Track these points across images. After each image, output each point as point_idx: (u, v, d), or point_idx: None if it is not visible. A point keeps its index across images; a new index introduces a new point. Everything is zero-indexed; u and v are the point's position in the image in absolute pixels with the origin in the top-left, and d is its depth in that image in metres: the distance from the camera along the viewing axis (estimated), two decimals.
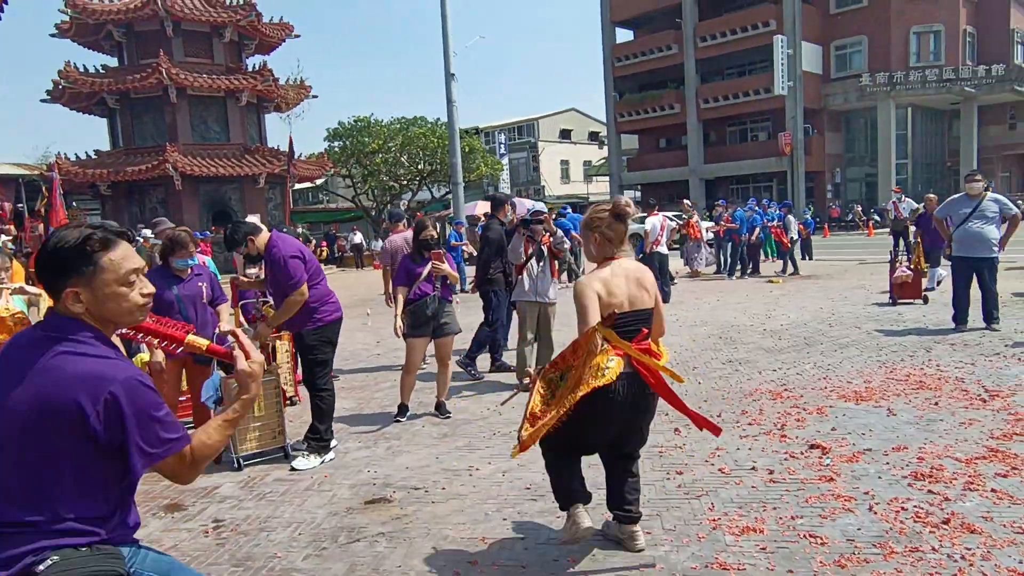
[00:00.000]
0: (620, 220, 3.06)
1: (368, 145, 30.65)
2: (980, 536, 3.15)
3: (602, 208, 3.12)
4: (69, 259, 1.68)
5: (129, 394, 1.65)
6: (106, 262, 1.72)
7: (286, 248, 4.61)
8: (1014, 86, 34.42)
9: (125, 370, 1.68)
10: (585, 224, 3.12)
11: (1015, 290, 10.03)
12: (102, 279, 1.71)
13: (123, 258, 1.75)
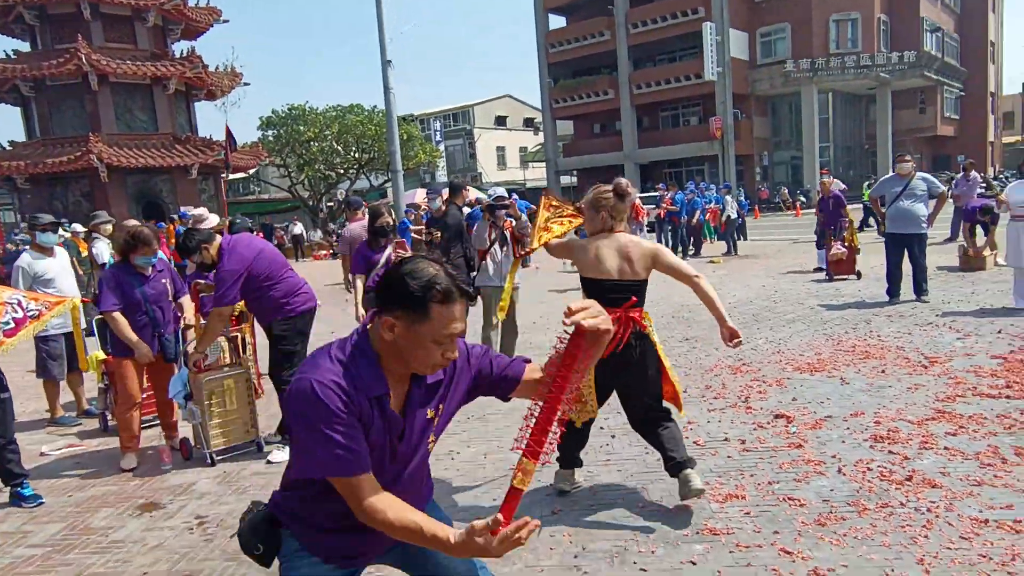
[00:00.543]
0: (622, 199, 3.45)
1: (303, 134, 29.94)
2: (941, 490, 3.41)
3: (606, 189, 3.46)
4: (417, 297, 1.63)
5: None
6: (437, 315, 1.65)
7: (230, 262, 4.35)
8: (924, 72, 36.36)
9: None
10: (592, 204, 3.44)
11: (939, 264, 10.67)
12: (426, 328, 1.66)
13: (450, 319, 1.67)
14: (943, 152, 41.88)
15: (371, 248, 5.56)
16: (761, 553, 2.96)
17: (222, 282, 4.29)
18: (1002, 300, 7.87)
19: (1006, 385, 4.91)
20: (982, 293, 8.51)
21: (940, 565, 2.76)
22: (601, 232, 3.48)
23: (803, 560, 2.87)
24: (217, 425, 4.62)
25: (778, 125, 38.97)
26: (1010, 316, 7.08)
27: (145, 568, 3.26)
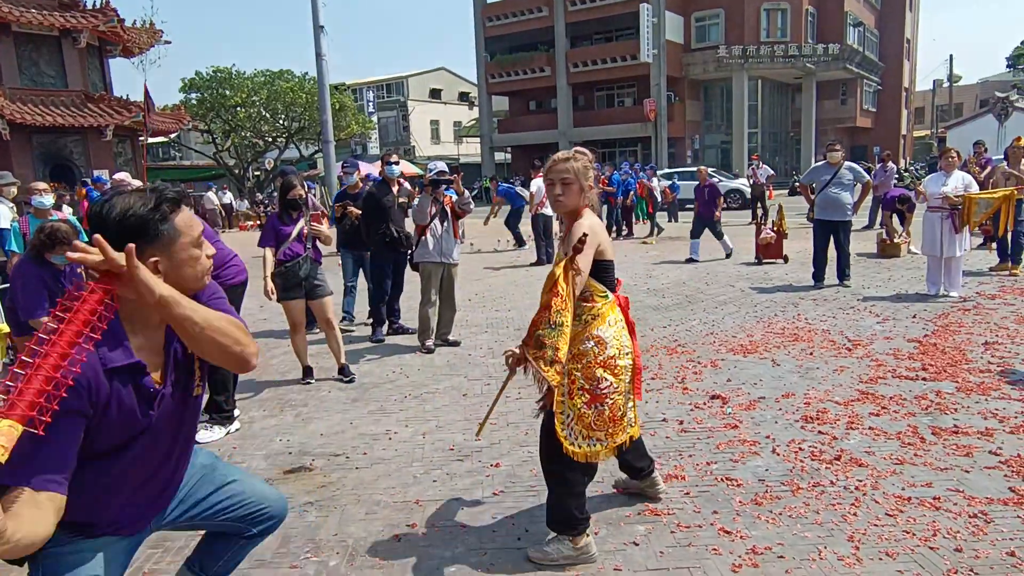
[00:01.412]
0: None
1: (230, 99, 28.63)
2: (867, 469, 3.54)
3: (584, 155, 2.85)
4: (145, 225, 1.62)
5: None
6: (181, 225, 1.69)
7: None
8: (846, 65, 37.77)
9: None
10: (584, 173, 2.76)
11: (858, 251, 11.15)
12: (179, 243, 1.69)
13: (190, 221, 1.73)
14: (860, 143, 43.72)
15: (282, 221, 5.34)
16: (702, 533, 3.00)
17: None
18: (916, 286, 8.29)
19: (922, 368, 5.16)
20: (898, 279, 8.94)
21: (869, 541, 2.86)
22: (582, 209, 2.82)
23: (742, 539, 2.93)
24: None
25: (709, 109, 39.81)
26: (923, 301, 7.46)
27: None
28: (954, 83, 48.22)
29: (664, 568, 2.76)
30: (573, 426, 2.69)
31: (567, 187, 2.76)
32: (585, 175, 2.78)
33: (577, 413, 2.69)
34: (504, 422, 4.42)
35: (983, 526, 2.94)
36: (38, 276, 4.16)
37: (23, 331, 4.31)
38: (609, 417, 2.73)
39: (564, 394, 2.70)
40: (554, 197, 2.80)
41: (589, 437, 2.72)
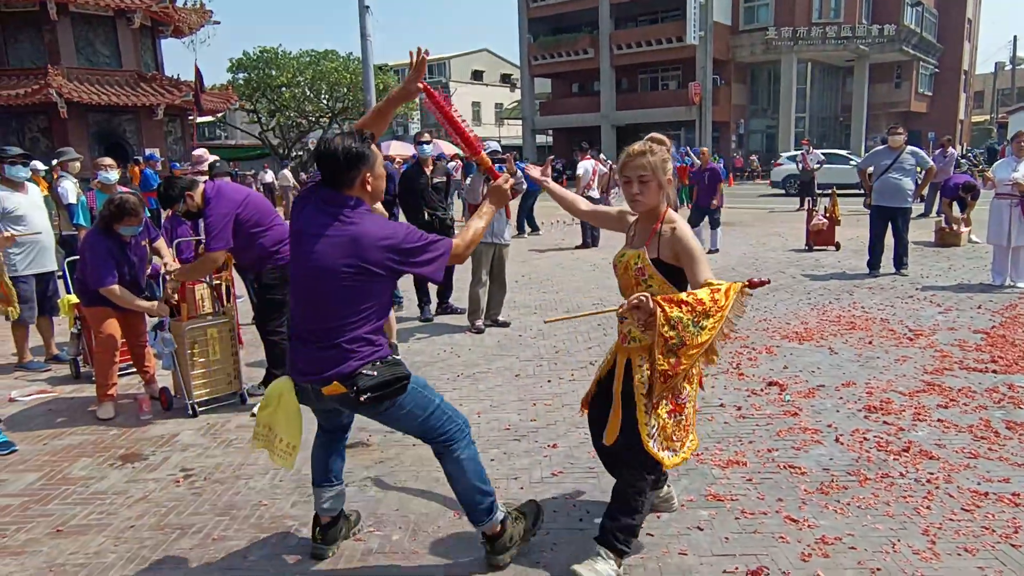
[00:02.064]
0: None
1: (276, 78, 28.93)
2: (938, 462, 3.43)
3: (662, 144, 2.56)
4: (363, 153, 2.37)
5: (406, 239, 2.38)
6: (375, 152, 2.43)
7: (219, 205, 4.17)
8: (902, 46, 36.50)
9: (400, 225, 2.46)
10: (662, 168, 2.51)
11: (915, 239, 10.79)
12: (378, 164, 2.44)
13: (376, 150, 2.45)
14: (914, 128, 42.22)
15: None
16: (767, 520, 2.95)
17: (213, 226, 4.09)
18: (979, 276, 8.00)
19: (991, 360, 4.98)
20: (959, 268, 8.65)
21: (945, 536, 2.78)
22: (663, 208, 2.59)
23: (809, 528, 2.87)
24: (199, 375, 4.46)
25: (756, 93, 38.94)
26: (988, 292, 7.20)
27: (131, 521, 3.14)
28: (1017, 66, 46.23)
29: (731, 554, 2.71)
30: (657, 437, 2.52)
31: (644, 185, 2.51)
32: (664, 169, 2.52)
33: (661, 424, 2.51)
34: (560, 403, 4.40)
35: None
36: (106, 247, 4.27)
37: (92, 302, 4.43)
38: (684, 426, 2.59)
39: (647, 404, 2.50)
40: (631, 196, 2.56)
41: (668, 448, 2.54)
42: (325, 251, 2.34)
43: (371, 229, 2.35)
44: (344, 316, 2.37)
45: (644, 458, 2.52)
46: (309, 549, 2.83)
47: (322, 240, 2.35)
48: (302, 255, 2.40)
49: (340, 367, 2.36)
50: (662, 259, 2.53)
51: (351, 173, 2.36)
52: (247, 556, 2.82)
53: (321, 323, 2.39)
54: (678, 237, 2.50)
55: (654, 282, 2.53)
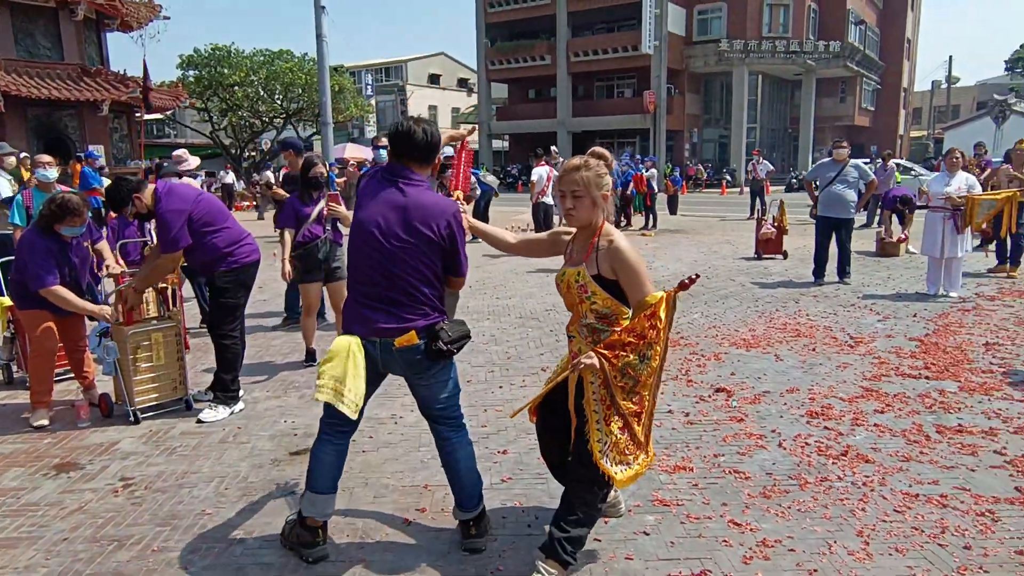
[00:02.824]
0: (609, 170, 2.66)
1: (228, 77, 28.31)
2: (874, 465, 3.56)
3: (598, 162, 2.58)
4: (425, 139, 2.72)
5: (459, 217, 2.74)
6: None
7: (171, 204, 4.08)
8: (847, 63, 37.73)
9: (452, 202, 2.80)
10: (596, 184, 2.53)
11: (857, 249, 11.17)
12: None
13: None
14: (858, 141, 43.72)
15: (303, 201, 5.29)
16: (712, 524, 3.01)
17: (168, 225, 4.01)
18: (915, 285, 8.33)
19: (925, 366, 5.19)
20: (897, 278, 8.98)
21: (878, 537, 2.88)
22: (600, 222, 2.61)
23: (752, 531, 2.94)
24: (143, 381, 4.33)
25: (709, 103, 39.74)
26: (923, 301, 7.50)
27: (65, 534, 3.03)
28: (952, 84, 48.30)
29: (676, 558, 2.76)
30: (610, 453, 2.53)
31: (578, 200, 2.54)
32: (598, 184, 2.54)
33: (613, 440, 2.52)
34: (510, 409, 4.42)
35: (990, 524, 2.96)
36: (45, 247, 4.12)
37: (28, 304, 4.27)
38: (638, 440, 2.60)
39: (600, 421, 2.50)
40: (566, 210, 2.58)
41: (621, 463, 2.55)
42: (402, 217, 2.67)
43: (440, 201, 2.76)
44: (425, 276, 2.67)
45: (595, 473, 2.52)
46: (255, 558, 2.79)
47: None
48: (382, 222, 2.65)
49: (421, 320, 2.65)
50: (602, 275, 2.54)
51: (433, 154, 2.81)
52: (188, 568, 2.75)
53: (402, 281, 2.63)
54: (615, 251, 2.51)
55: (598, 299, 2.55)
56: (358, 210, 2.73)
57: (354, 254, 2.71)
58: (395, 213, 2.62)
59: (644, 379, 2.45)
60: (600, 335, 2.54)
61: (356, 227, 2.70)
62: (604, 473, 2.52)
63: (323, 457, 2.77)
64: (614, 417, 2.51)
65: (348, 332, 2.68)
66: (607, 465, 2.51)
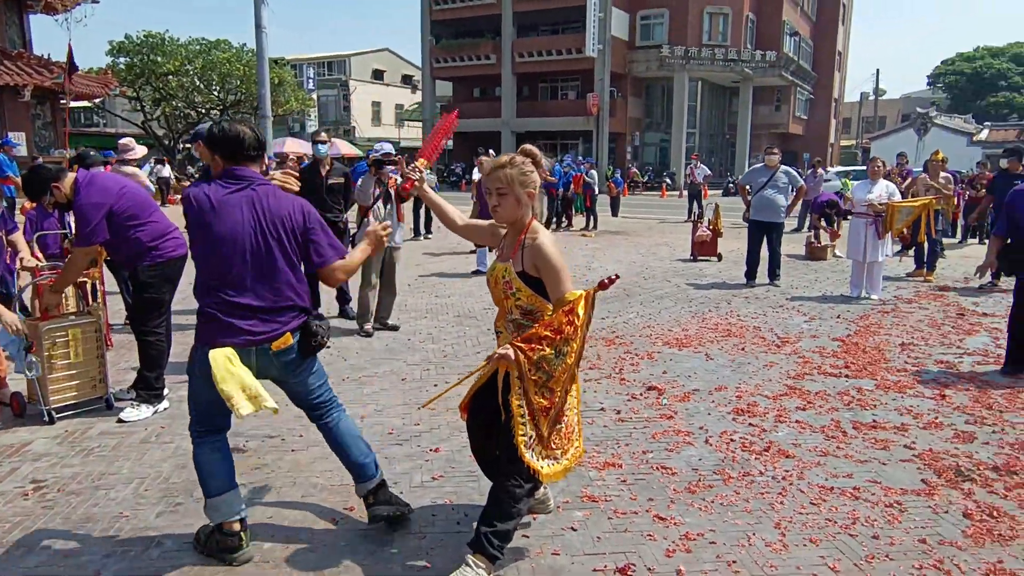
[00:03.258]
0: (537, 167, 2.65)
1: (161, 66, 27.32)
2: (793, 460, 3.70)
3: (524, 160, 2.59)
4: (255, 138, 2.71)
5: (309, 207, 2.78)
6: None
7: (91, 195, 3.93)
8: (782, 72, 39.02)
9: (299, 198, 2.85)
10: (521, 182, 2.55)
11: (787, 252, 11.56)
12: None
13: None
14: (792, 148, 45.32)
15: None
16: (637, 519, 3.07)
17: (85, 218, 3.84)
18: (840, 288, 8.67)
19: (845, 365, 5.42)
20: (823, 281, 9.34)
21: (794, 528, 2.99)
22: (527, 220, 2.63)
23: (675, 525, 3.02)
24: (59, 379, 4.15)
25: (650, 107, 40.49)
26: (846, 303, 7.82)
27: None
28: (879, 97, 50.47)
29: (601, 553, 2.81)
30: (535, 447, 2.55)
31: (502, 197, 2.57)
32: (523, 182, 2.56)
33: (538, 434, 2.57)
34: (444, 407, 4.39)
35: (898, 515, 3.11)
36: None
37: None
38: (565, 434, 2.64)
39: (524, 416, 2.53)
40: (491, 208, 2.62)
41: (548, 457, 2.58)
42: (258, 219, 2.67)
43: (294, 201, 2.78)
44: (288, 277, 2.70)
45: (521, 467, 2.55)
46: (172, 561, 2.70)
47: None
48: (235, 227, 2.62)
49: (293, 320, 2.69)
50: (527, 272, 2.56)
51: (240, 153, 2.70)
52: (101, 572, 2.65)
53: (269, 285, 2.65)
54: (537, 248, 2.53)
55: (522, 295, 2.58)
56: (207, 219, 2.60)
57: (210, 264, 2.62)
58: (249, 216, 2.61)
59: (558, 375, 2.48)
60: (525, 331, 2.56)
61: (208, 237, 2.60)
62: (529, 467, 2.54)
63: (206, 461, 2.72)
64: (540, 413, 2.53)
65: (213, 345, 2.58)
66: (532, 459, 2.54)
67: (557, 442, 2.61)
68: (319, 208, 6.39)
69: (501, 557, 2.59)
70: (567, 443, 2.65)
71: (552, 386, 2.50)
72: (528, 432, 2.53)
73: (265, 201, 2.65)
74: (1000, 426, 4.20)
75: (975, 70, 55.41)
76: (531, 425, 2.53)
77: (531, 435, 2.54)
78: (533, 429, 2.54)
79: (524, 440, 2.53)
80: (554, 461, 2.61)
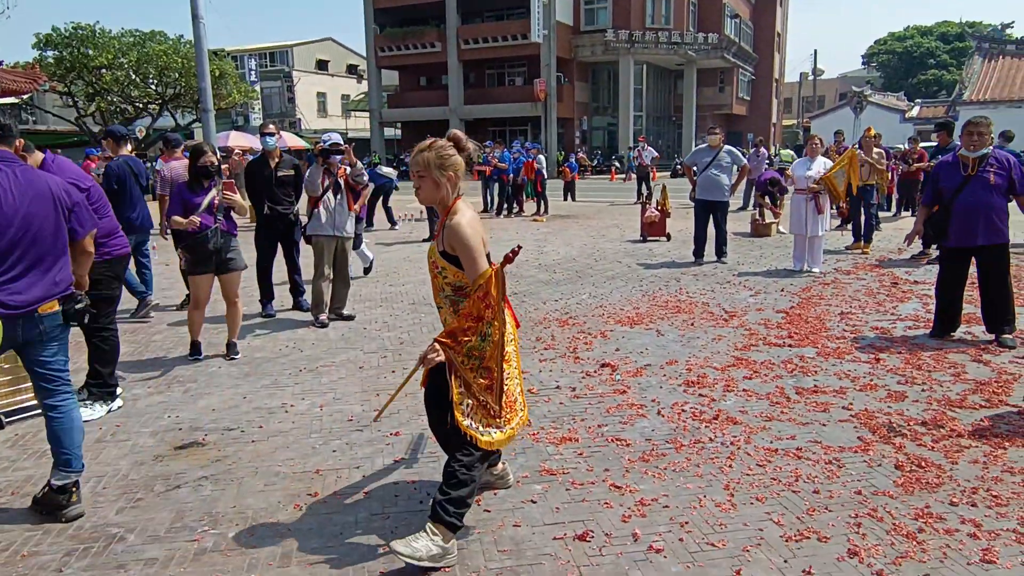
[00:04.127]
0: (461, 151, 2.74)
1: (93, 59, 26.28)
2: (741, 426, 3.88)
3: (444, 144, 2.70)
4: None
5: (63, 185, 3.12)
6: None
7: (63, 171, 3.91)
8: (724, 54, 39.75)
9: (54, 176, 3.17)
10: (439, 165, 2.65)
11: (734, 230, 11.88)
12: None
13: None
14: (736, 129, 46.25)
15: (191, 190, 5.11)
16: (595, 489, 3.20)
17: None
18: (784, 263, 8.98)
19: (788, 336, 5.65)
20: (768, 256, 9.65)
21: (742, 489, 3.16)
22: (455, 200, 2.72)
23: (631, 493, 3.15)
24: (7, 383, 4.06)
25: (597, 91, 40.80)
26: (790, 277, 8.12)
27: None
28: (818, 77, 51.82)
29: (560, 522, 2.92)
30: (474, 415, 2.67)
31: (421, 180, 2.69)
32: (440, 165, 2.65)
33: (476, 402, 2.67)
34: (402, 392, 4.45)
35: (836, 471, 3.31)
36: None
37: None
38: (508, 403, 2.75)
39: (461, 386, 2.66)
40: (414, 188, 2.76)
41: (489, 426, 2.69)
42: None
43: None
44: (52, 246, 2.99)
45: (463, 436, 2.66)
46: (136, 555, 2.72)
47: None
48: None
49: (59, 289, 3.00)
50: (447, 251, 2.67)
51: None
52: (63, 569, 2.65)
53: (38, 255, 2.92)
54: (451, 229, 2.62)
55: (448, 272, 2.69)
56: None
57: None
58: (14, 193, 2.86)
59: (488, 355, 2.63)
60: (459, 305, 2.70)
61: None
62: (467, 434, 2.65)
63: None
64: (476, 382, 2.66)
65: None
66: (470, 427, 2.65)
67: (496, 410, 2.70)
68: (269, 201, 6.44)
69: (460, 525, 2.68)
70: (510, 412, 2.77)
71: (487, 365, 2.63)
72: (464, 400, 2.65)
73: (24, 177, 2.92)
74: (929, 385, 4.46)
75: (906, 49, 57.27)
76: (468, 394, 2.66)
77: (469, 403, 2.66)
78: (471, 399, 2.66)
79: (462, 408, 2.65)
80: (496, 430, 2.72)
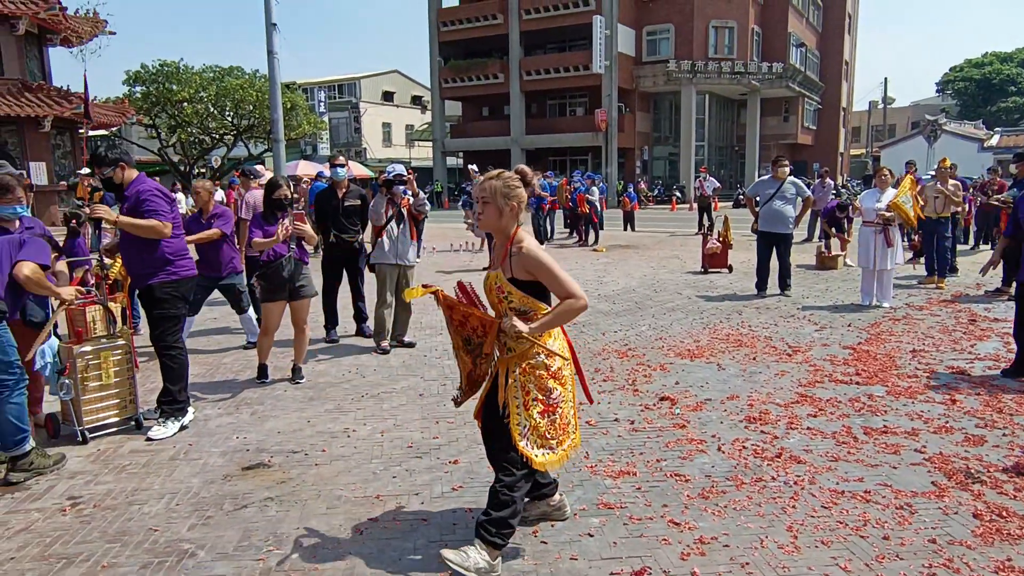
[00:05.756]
0: (527, 186, 2.90)
1: (176, 93, 27.83)
2: (805, 465, 3.77)
3: (511, 175, 2.84)
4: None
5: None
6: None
7: (150, 183, 4.42)
8: (789, 83, 39.18)
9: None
10: (504, 194, 2.77)
11: (797, 262, 11.62)
12: None
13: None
14: (801, 159, 45.33)
15: (266, 221, 5.37)
16: (652, 524, 3.16)
17: (153, 198, 4.27)
18: (851, 297, 8.72)
19: (856, 373, 5.48)
20: (834, 290, 9.39)
21: (806, 531, 3.07)
22: (512, 230, 2.83)
23: (690, 530, 3.10)
24: (91, 400, 4.30)
25: (659, 121, 40.72)
26: (857, 311, 7.87)
27: (11, 553, 3.01)
28: (888, 105, 50.45)
29: (618, 557, 2.90)
30: (530, 436, 2.76)
31: (486, 206, 2.80)
32: (506, 195, 2.77)
33: (532, 424, 2.75)
34: (462, 421, 4.52)
35: (908, 516, 3.18)
36: None
37: None
38: (560, 425, 2.82)
39: (519, 407, 2.76)
40: (476, 214, 2.90)
41: (543, 446, 2.77)
42: None
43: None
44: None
45: (514, 455, 2.74)
46: (207, 571, 2.82)
47: None
48: None
49: None
50: (516, 277, 2.76)
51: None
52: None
53: None
54: (525, 255, 2.73)
55: (514, 298, 2.78)
56: None
57: None
58: None
59: (547, 375, 2.79)
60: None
61: None
62: (523, 455, 2.71)
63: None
64: (533, 403, 2.73)
65: None
66: (526, 447, 2.72)
67: (552, 432, 2.78)
68: (336, 229, 6.67)
69: (503, 544, 2.72)
70: (562, 434, 2.83)
71: (546, 385, 2.78)
72: (522, 420, 2.73)
73: None
74: (1010, 429, 4.25)
75: (984, 76, 55.27)
76: (525, 414, 2.73)
77: (525, 424, 2.73)
78: (528, 419, 2.73)
79: (519, 428, 2.73)
80: (549, 451, 2.78)
